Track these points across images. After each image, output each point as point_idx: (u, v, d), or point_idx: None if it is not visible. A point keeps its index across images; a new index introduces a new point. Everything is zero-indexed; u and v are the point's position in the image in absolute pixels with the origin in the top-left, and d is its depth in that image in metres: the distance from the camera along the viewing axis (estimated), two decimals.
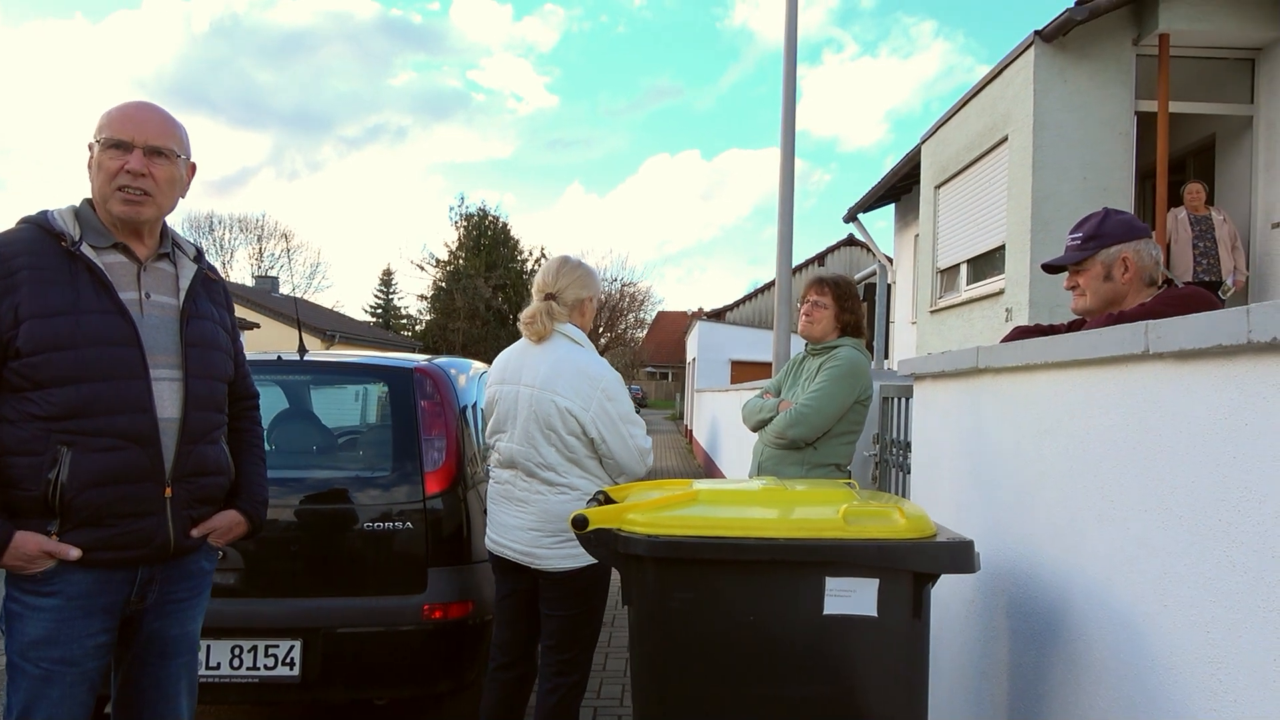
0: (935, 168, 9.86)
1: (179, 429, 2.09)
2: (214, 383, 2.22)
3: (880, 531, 1.81)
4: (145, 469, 2.03)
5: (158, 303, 2.12)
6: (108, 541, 2.00)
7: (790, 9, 7.50)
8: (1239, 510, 1.32)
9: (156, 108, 2.15)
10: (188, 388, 2.12)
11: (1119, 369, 1.66)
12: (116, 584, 2.04)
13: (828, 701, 1.81)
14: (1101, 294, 2.46)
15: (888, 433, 4.01)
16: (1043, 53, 7.24)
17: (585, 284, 3.09)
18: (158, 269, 2.16)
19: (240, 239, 49.03)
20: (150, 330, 2.08)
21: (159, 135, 2.09)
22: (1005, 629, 2.16)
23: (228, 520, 2.25)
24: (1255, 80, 7.25)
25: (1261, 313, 1.24)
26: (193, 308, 2.19)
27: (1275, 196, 7.01)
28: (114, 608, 2.05)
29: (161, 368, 2.08)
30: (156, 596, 2.13)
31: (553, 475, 2.91)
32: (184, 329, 2.14)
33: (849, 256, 27.15)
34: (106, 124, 2.07)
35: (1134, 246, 2.41)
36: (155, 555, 2.08)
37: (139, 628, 2.14)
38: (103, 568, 2.01)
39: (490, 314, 38.35)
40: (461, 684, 3.44)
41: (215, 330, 2.26)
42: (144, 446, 2.03)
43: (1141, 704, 1.56)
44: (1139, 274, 2.41)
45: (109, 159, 2.05)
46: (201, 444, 2.16)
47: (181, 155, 2.15)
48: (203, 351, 2.18)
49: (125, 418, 2.00)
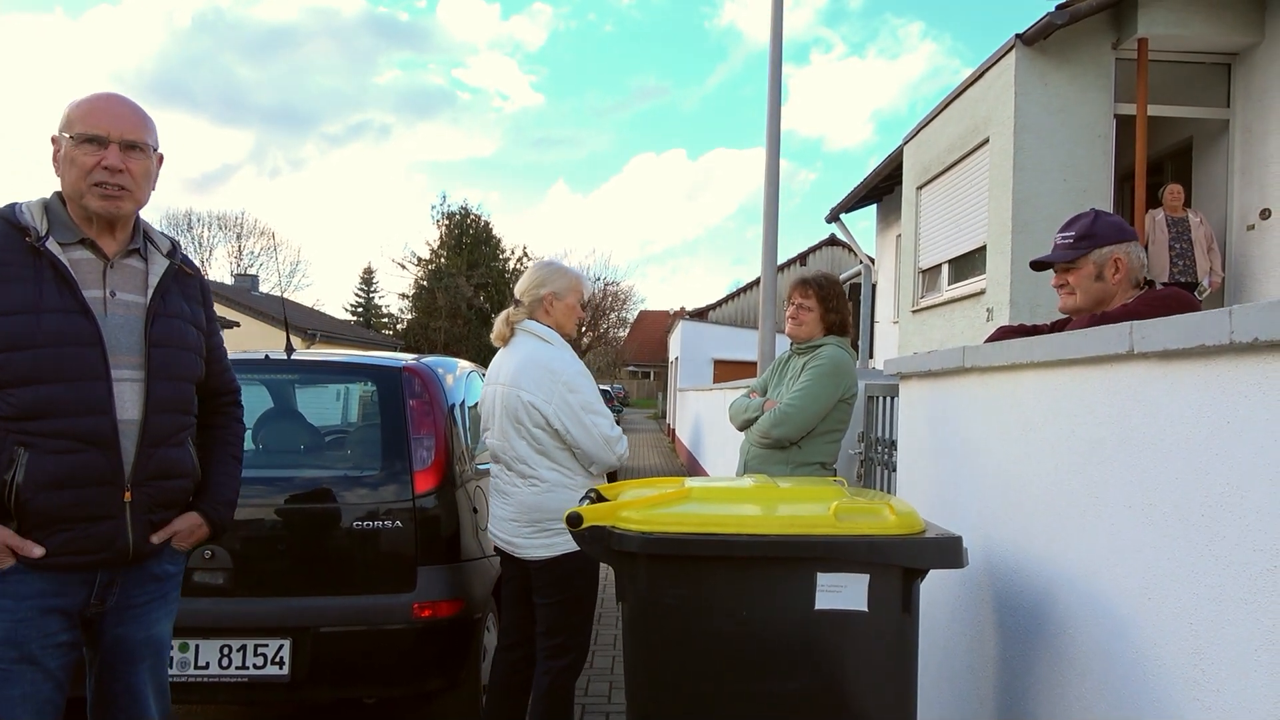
0: (917, 169, 9.94)
1: (140, 431, 2.04)
2: (179, 384, 2.16)
3: (871, 528, 1.85)
4: (104, 472, 1.99)
5: (123, 301, 2.07)
6: (64, 545, 1.95)
7: (775, 13, 7.55)
8: (1220, 506, 1.36)
9: (128, 100, 2.10)
10: (150, 389, 2.06)
11: (1104, 368, 1.70)
12: (74, 586, 2.00)
13: (819, 695, 1.84)
14: (1092, 293, 2.50)
15: (873, 431, 4.05)
16: (1023, 56, 7.32)
17: (547, 281, 3.23)
18: (126, 265, 2.11)
19: (219, 237, 48.64)
20: (113, 330, 2.02)
21: (134, 129, 2.06)
22: (992, 624, 2.20)
23: (189, 523, 2.19)
24: (1231, 85, 7.36)
25: (1243, 314, 1.28)
26: (161, 305, 2.13)
27: (1250, 199, 7.12)
28: (72, 609, 2.01)
29: (124, 368, 2.03)
30: (117, 600, 2.09)
31: (524, 468, 3.06)
32: (149, 328, 2.09)
33: (831, 256, 27.28)
34: (79, 118, 2.02)
35: (1125, 248, 2.46)
36: (114, 560, 2.04)
37: (102, 631, 2.09)
38: (58, 571, 1.97)
39: (472, 313, 38.23)
40: (452, 682, 3.45)
41: (184, 328, 2.19)
42: (103, 449, 1.98)
43: (1126, 695, 1.60)
44: (1128, 275, 2.46)
45: (84, 154, 2.00)
46: (164, 447, 2.10)
47: (154, 147, 2.12)
48: (168, 351, 2.12)
49: (84, 420, 1.95)
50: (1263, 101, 6.98)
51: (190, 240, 45.62)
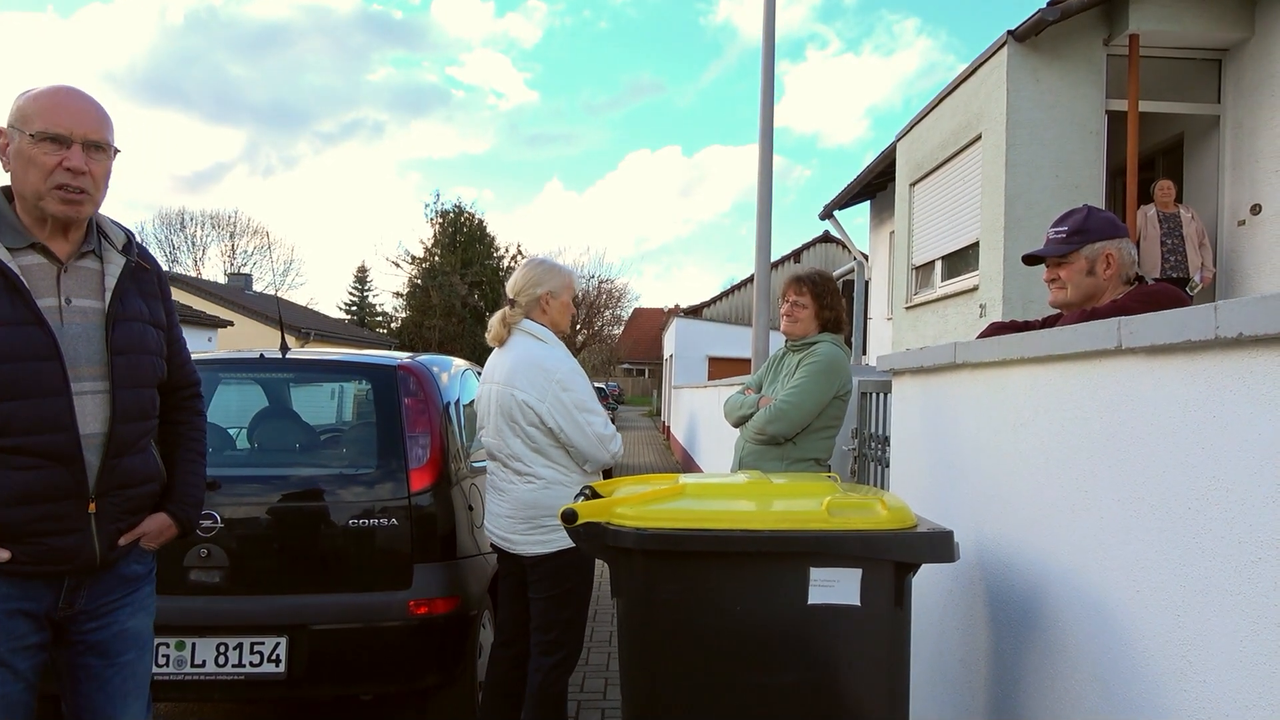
0: (910, 165, 9.96)
1: (104, 443, 1.97)
2: (143, 390, 2.09)
3: (863, 523, 1.86)
4: (67, 487, 1.92)
5: (80, 308, 1.97)
6: (30, 557, 1.90)
7: (768, 10, 7.56)
8: (1207, 499, 1.38)
9: (88, 95, 1.99)
10: (115, 400, 1.98)
11: (1092, 364, 1.72)
12: (40, 590, 1.96)
13: (813, 688, 1.85)
14: (1084, 288, 2.52)
15: (866, 427, 4.07)
16: (1015, 52, 7.34)
17: (541, 280, 3.24)
18: (80, 268, 2.00)
19: (213, 236, 48.53)
20: (71, 340, 1.93)
21: (97, 128, 1.96)
22: (984, 617, 2.22)
23: (157, 525, 2.14)
24: (1222, 80, 7.39)
25: (1228, 309, 1.29)
26: (119, 309, 2.03)
27: (1241, 194, 7.16)
28: (38, 613, 1.97)
29: (85, 380, 1.94)
30: (86, 602, 2.04)
31: (520, 465, 3.08)
32: (110, 335, 1.99)
33: (825, 253, 27.29)
34: (36, 113, 1.90)
35: (1116, 244, 2.48)
36: (81, 569, 1.99)
37: (72, 633, 2.05)
38: (21, 578, 1.92)
39: (466, 311, 38.18)
40: (448, 679, 3.46)
41: (144, 330, 2.10)
42: (65, 465, 1.91)
43: (1115, 687, 1.62)
44: (1119, 271, 2.48)
45: (43, 153, 1.89)
46: (128, 455, 2.04)
47: (114, 147, 2.02)
48: (130, 359, 2.03)
49: (44, 437, 1.88)
50: (1253, 97, 7.02)
51: (184, 240, 45.56)
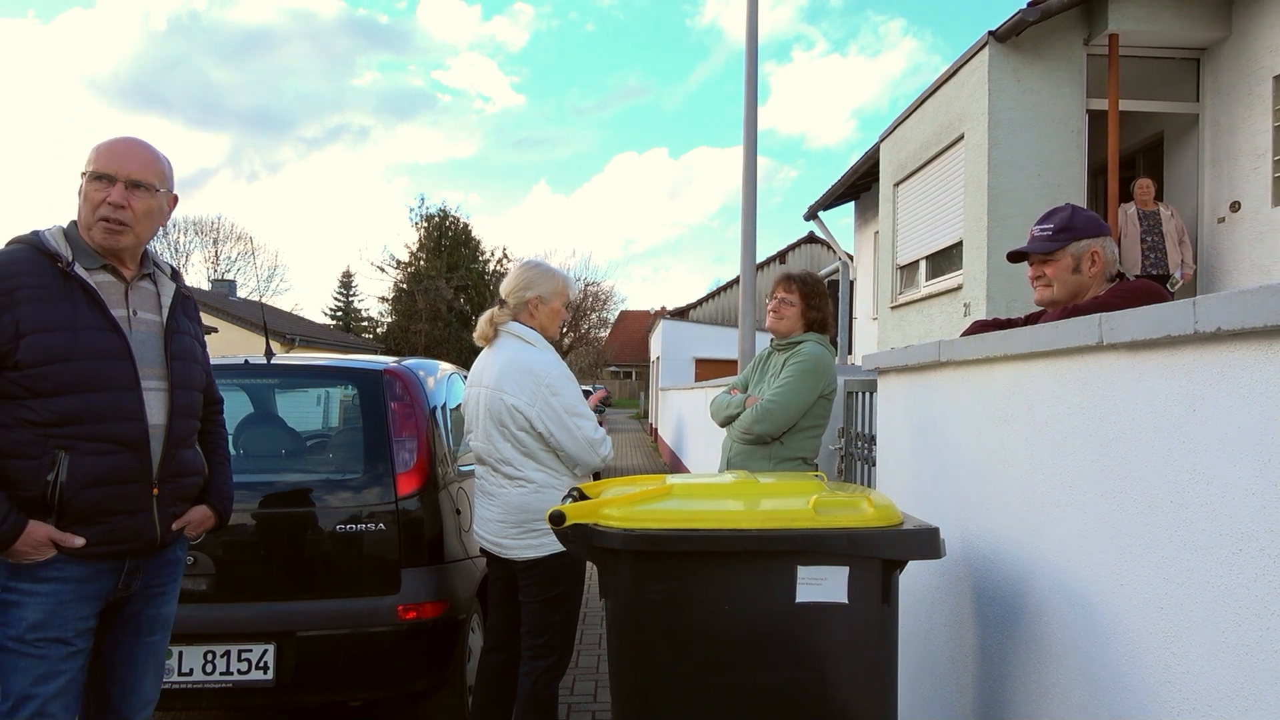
0: (894, 165, 10.01)
1: (165, 435, 2.30)
2: (194, 392, 2.44)
3: (850, 521, 1.87)
4: (136, 471, 2.23)
5: (144, 319, 2.32)
6: (102, 536, 2.18)
7: (751, 14, 7.58)
8: (1187, 492, 1.39)
9: (142, 143, 2.34)
10: (173, 397, 2.33)
11: (1074, 360, 1.74)
12: (106, 573, 2.23)
13: (801, 686, 1.86)
14: (1070, 285, 2.55)
15: (852, 426, 4.09)
16: (997, 52, 7.40)
17: (533, 284, 3.24)
18: (142, 288, 2.36)
19: (196, 242, 48.23)
20: (139, 345, 2.27)
21: (140, 170, 2.27)
22: (971, 613, 2.23)
23: (200, 514, 2.48)
24: (1200, 79, 7.46)
25: (1207, 304, 1.31)
26: (174, 323, 2.39)
27: (1220, 192, 7.23)
28: (102, 595, 2.24)
29: (150, 379, 2.28)
30: (140, 584, 2.33)
31: (510, 469, 3.07)
32: (168, 343, 2.35)
33: (811, 254, 27.41)
34: (94, 157, 2.25)
35: (1101, 242, 2.51)
36: (144, 548, 2.29)
37: (119, 611, 2.32)
38: (94, 560, 2.19)
39: (452, 315, 38.12)
40: (437, 684, 3.45)
41: (192, 344, 2.47)
42: (135, 451, 2.22)
43: (1101, 680, 1.63)
44: (1104, 268, 2.51)
45: (94, 190, 2.23)
46: (182, 448, 2.37)
47: (162, 189, 2.33)
48: (184, 364, 2.39)
49: (120, 425, 2.20)
50: (1231, 96, 7.09)
51: (167, 246, 45.22)
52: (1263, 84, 6.74)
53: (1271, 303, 1.18)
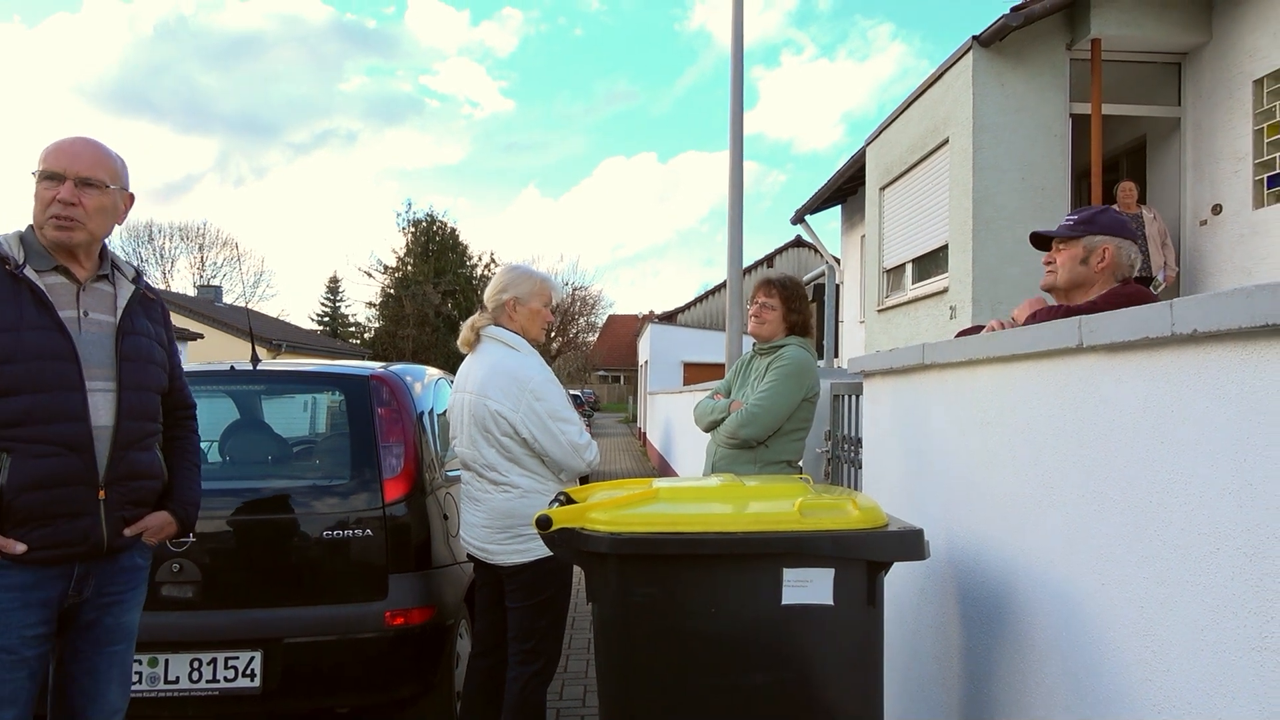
0: (880, 169, 10.06)
1: (112, 436, 2.25)
2: (147, 393, 2.38)
3: (835, 523, 1.89)
4: (80, 473, 2.19)
5: (96, 320, 2.29)
6: (44, 540, 2.14)
7: (736, 20, 7.61)
8: (1166, 492, 1.41)
9: (90, 140, 2.33)
10: (121, 398, 2.28)
11: (1055, 362, 1.75)
12: (53, 579, 2.18)
13: (788, 688, 1.87)
14: (1074, 275, 2.58)
15: (839, 429, 4.11)
16: (980, 57, 7.45)
17: (510, 286, 3.24)
18: (96, 289, 2.33)
19: (181, 248, 48.00)
20: (87, 345, 2.24)
21: (89, 167, 2.27)
22: (956, 613, 2.25)
23: (159, 520, 2.41)
24: (1182, 83, 7.54)
25: (1184, 306, 1.33)
26: (129, 324, 2.35)
27: (1203, 195, 7.29)
28: (51, 602, 2.19)
29: (97, 380, 2.24)
30: (92, 591, 2.28)
31: (495, 475, 3.07)
32: (119, 344, 2.31)
33: (798, 257, 27.47)
34: (44, 157, 2.26)
35: (1118, 242, 2.54)
36: (90, 553, 2.23)
37: (75, 619, 2.27)
38: (39, 565, 2.15)
39: (440, 320, 38.00)
40: (425, 690, 3.45)
41: (150, 345, 2.42)
42: (79, 453, 2.18)
43: (1083, 678, 1.65)
44: (1113, 267, 2.54)
45: (44, 189, 2.24)
46: (134, 450, 2.32)
47: (113, 186, 2.32)
48: (136, 365, 2.34)
49: (62, 426, 2.16)
50: (1211, 99, 7.16)
51: (152, 252, 45.01)
52: (1243, 88, 6.81)
53: (1246, 305, 1.19)
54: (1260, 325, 1.17)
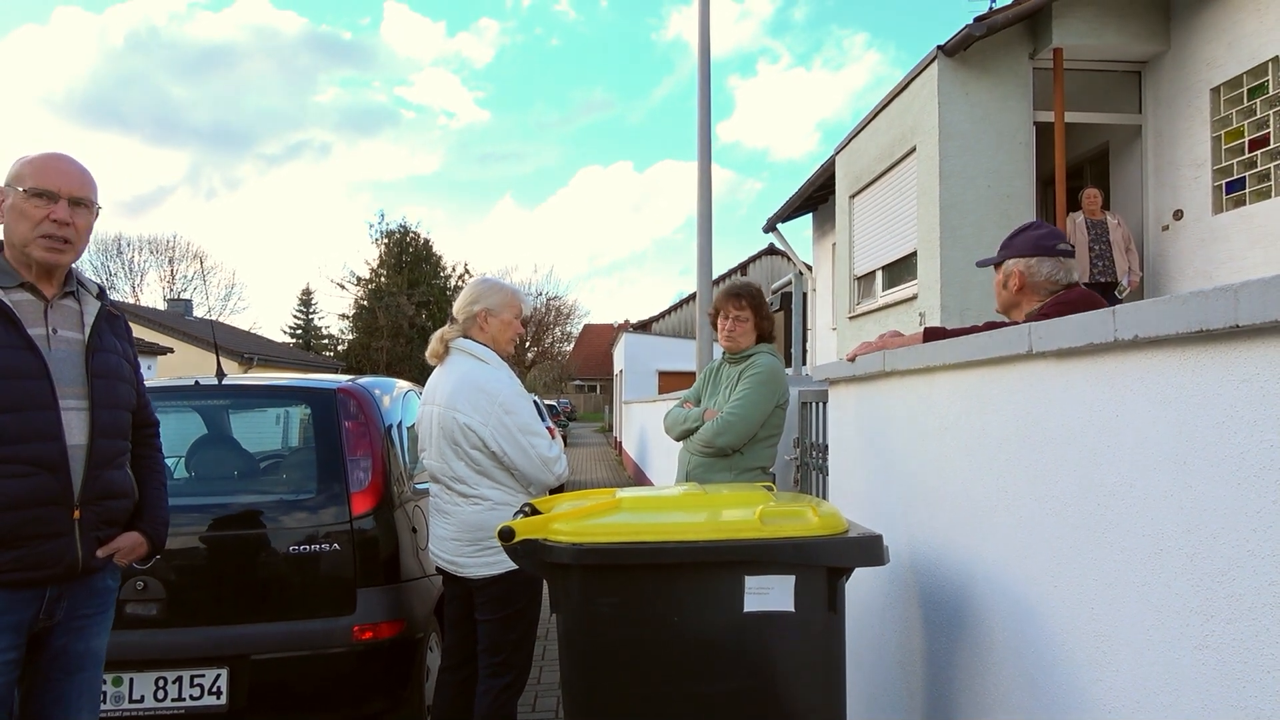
0: (850, 178, 10.15)
1: (86, 455, 2.21)
2: (119, 411, 2.34)
3: (795, 530, 1.90)
4: (55, 493, 2.14)
5: (64, 338, 2.24)
6: (18, 562, 2.08)
7: (702, 29, 7.66)
8: (1113, 495, 1.44)
9: (76, 160, 2.31)
10: (94, 416, 2.24)
11: (1007, 368, 1.78)
12: (24, 602, 2.13)
13: (751, 695, 1.88)
14: (1001, 299, 2.67)
15: (807, 436, 4.13)
16: (945, 67, 7.55)
17: (480, 297, 3.24)
18: (63, 306, 2.29)
19: (151, 261, 47.48)
20: (58, 363, 2.19)
21: (81, 187, 2.25)
22: (918, 619, 2.27)
23: (131, 541, 2.37)
24: (1142, 91, 7.68)
25: (1125, 313, 1.36)
26: (97, 341, 2.31)
27: (1164, 200, 7.42)
28: (21, 626, 2.13)
29: (70, 398, 2.19)
30: (64, 614, 2.22)
31: (465, 487, 3.06)
32: (89, 361, 2.27)
33: (771, 265, 27.58)
34: (30, 173, 2.20)
35: (1026, 263, 2.57)
36: (64, 575, 2.18)
37: (47, 645, 2.21)
38: (11, 588, 2.09)
39: (414, 332, 37.79)
40: (394, 704, 3.42)
41: (119, 362, 2.38)
42: (54, 472, 2.13)
43: (1039, 679, 1.67)
44: (1029, 288, 2.57)
45: (33, 207, 2.18)
46: (108, 469, 2.27)
47: (96, 204, 2.31)
48: (108, 382, 2.30)
49: (36, 445, 2.11)
50: (1171, 107, 7.29)
51: (121, 265, 44.47)
52: (1200, 96, 6.95)
53: (1183, 311, 1.22)
54: (1195, 331, 1.20)
